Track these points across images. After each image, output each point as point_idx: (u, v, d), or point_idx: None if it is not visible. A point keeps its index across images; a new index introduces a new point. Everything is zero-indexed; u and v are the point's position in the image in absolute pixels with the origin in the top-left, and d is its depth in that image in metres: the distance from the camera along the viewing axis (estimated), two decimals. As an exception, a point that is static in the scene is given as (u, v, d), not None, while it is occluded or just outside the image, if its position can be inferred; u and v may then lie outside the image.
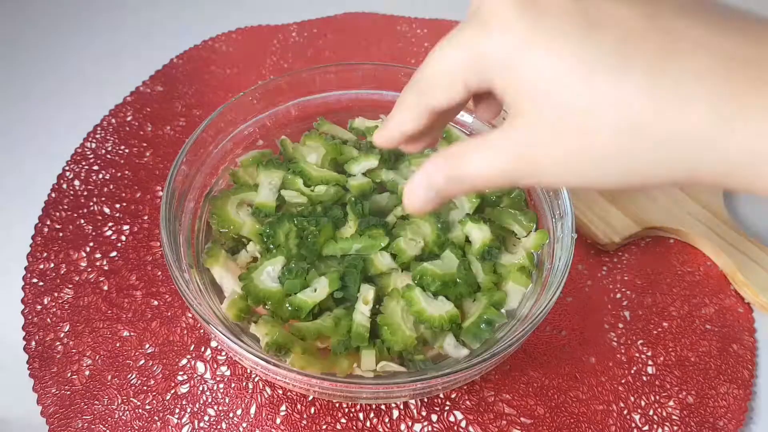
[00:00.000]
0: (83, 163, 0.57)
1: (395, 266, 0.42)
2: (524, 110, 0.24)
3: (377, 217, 0.45)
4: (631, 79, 0.21)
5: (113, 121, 0.61)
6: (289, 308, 0.40)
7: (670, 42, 0.21)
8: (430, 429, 0.41)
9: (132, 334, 0.45)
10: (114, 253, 0.50)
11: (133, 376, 0.43)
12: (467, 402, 0.43)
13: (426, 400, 0.43)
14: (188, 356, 0.44)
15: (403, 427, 0.41)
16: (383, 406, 0.42)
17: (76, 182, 0.55)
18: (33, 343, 0.45)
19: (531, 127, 0.24)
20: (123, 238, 0.51)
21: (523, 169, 0.25)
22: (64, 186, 0.55)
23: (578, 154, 0.23)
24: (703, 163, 0.21)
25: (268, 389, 0.43)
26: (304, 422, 0.41)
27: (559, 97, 0.22)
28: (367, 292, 0.41)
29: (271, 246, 0.43)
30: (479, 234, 0.44)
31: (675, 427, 0.42)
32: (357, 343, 0.39)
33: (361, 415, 0.42)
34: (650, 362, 0.45)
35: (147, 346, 0.45)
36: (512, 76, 0.24)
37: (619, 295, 0.49)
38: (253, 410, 0.42)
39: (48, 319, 0.46)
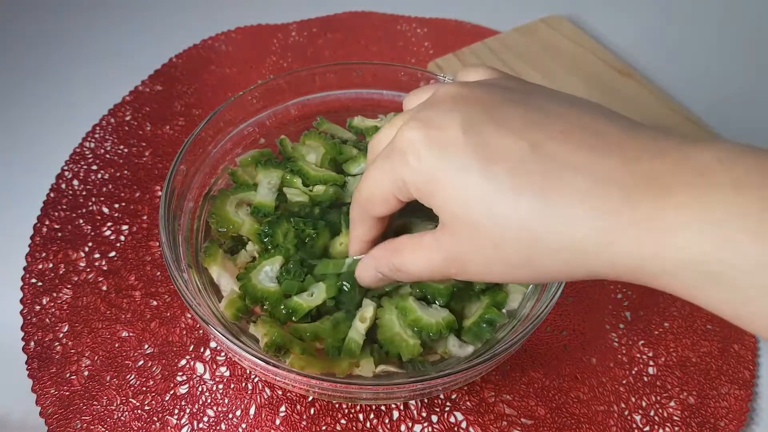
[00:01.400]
0: (82, 163, 0.57)
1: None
2: (447, 223, 0.29)
3: None
4: (525, 203, 0.26)
5: (112, 120, 0.61)
6: (284, 310, 0.39)
7: (555, 169, 0.25)
8: (430, 430, 0.41)
9: (131, 334, 0.45)
10: (113, 253, 0.50)
11: (132, 376, 0.43)
12: (468, 403, 0.42)
13: (426, 400, 0.42)
14: (187, 357, 0.44)
15: (403, 428, 0.41)
16: (383, 407, 0.42)
17: (75, 182, 0.55)
18: (32, 343, 0.44)
19: (454, 237, 0.29)
20: (122, 238, 0.51)
21: (451, 267, 0.30)
22: (63, 186, 0.55)
23: (494, 261, 0.28)
24: (597, 268, 0.25)
25: (267, 390, 0.43)
26: (304, 423, 0.41)
27: (470, 218, 0.27)
28: (366, 309, 0.40)
29: (270, 246, 0.43)
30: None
31: (676, 428, 0.42)
32: (347, 357, 0.38)
33: (361, 416, 0.42)
34: (651, 363, 0.45)
35: (146, 346, 0.45)
36: (432, 199, 0.29)
37: (620, 296, 0.49)
38: (252, 411, 0.42)
39: (47, 320, 0.46)
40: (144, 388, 0.42)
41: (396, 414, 0.42)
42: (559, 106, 0.28)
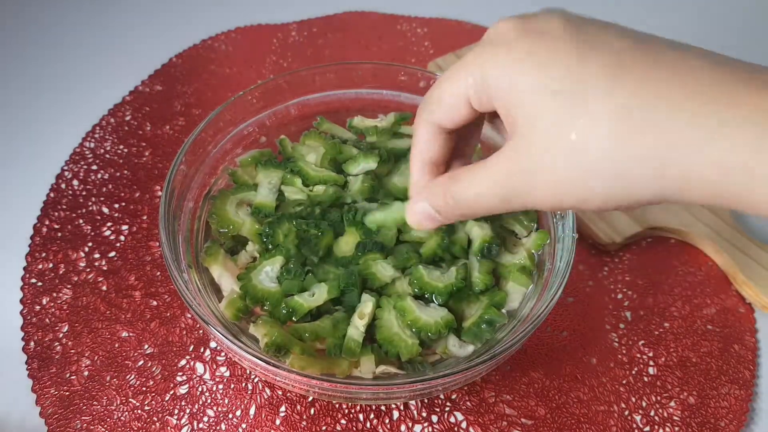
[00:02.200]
0: (82, 163, 0.57)
1: (398, 275, 0.42)
2: (518, 128, 0.26)
3: (375, 241, 0.43)
4: (619, 95, 0.23)
5: (112, 120, 0.61)
6: (285, 310, 0.39)
7: (656, 65, 0.23)
8: (430, 430, 0.41)
9: (131, 334, 0.45)
10: (113, 253, 0.50)
11: (132, 376, 0.43)
12: (468, 403, 0.42)
13: (426, 401, 0.42)
14: (187, 357, 0.44)
15: (403, 428, 0.41)
16: (383, 407, 0.42)
17: (75, 182, 0.55)
18: (32, 343, 0.44)
19: (524, 145, 0.25)
20: (122, 238, 0.51)
21: (515, 187, 0.27)
22: (63, 186, 0.55)
23: (569, 171, 0.25)
24: (690, 176, 0.23)
25: (267, 390, 0.43)
26: (304, 423, 0.41)
27: (552, 116, 0.24)
28: (365, 305, 0.40)
29: (270, 246, 0.42)
30: (479, 232, 0.44)
31: (676, 428, 0.42)
32: (348, 356, 0.38)
33: (361, 416, 0.42)
34: (651, 363, 0.45)
35: (146, 346, 0.45)
36: (510, 96, 0.26)
37: (620, 296, 0.49)
38: (252, 411, 0.42)
39: (47, 320, 0.46)
40: (144, 388, 0.42)
41: (396, 414, 0.42)
42: (644, 37, 0.26)
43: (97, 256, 0.50)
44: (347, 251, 0.43)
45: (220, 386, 0.43)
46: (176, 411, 0.41)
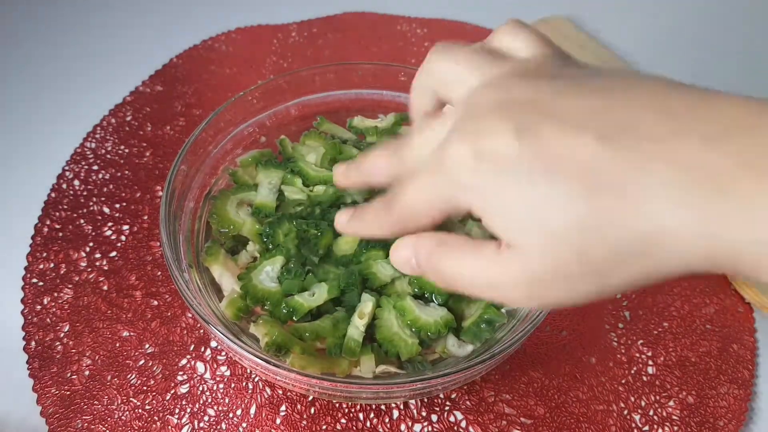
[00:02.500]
0: (83, 163, 0.57)
1: (398, 274, 0.42)
2: (516, 243, 0.25)
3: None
4: (605, 203, 0.22)
5: (113, 120, 0.61)
6: (285, 310, 0.40)
7: (630, 161, 0.22)
8: (430, 429, 0.41)
9: (132, 334, 0.45)
10: (114, 253, 0.50)
11: (133, 376, 0.43)
12: (467, 402, 0.42)
13: (426, 400, 0.42)
14: (188, 356, 0.44)
15: (403, 427, 0.41)
16: (383, 407, 0.42)
17: (76, 182, 0.55)
18: (33, 343, 0.45)
19: (528, 259, 0.25)
20: (123, 238, 0.51)
21: (523, 295, 0.26)
22: (64, 186, 0.55)
23: (579, 276, 0.24)
24: (690, 261, 0.22)
25: (267, 389, 0.43)
26: (304, 422, 0.41)
27: (546, 235, 0.24)
28: (365, 304, 0.40)
29: (270, 246, 0.43)
30: (479, 232, 0.44)
31: (675, 428, 0.42)
32: (348, 356, 0.38)
33: (361, 416, 0.42)
34: (650, 362, 0.45)
35: (147, 346, 0.45)
36: (494, 218, 0.25)
37: (619, 295, 0.49)
38: (252, 410, 0.42)
39: (48, 319, 0.46)
40: (145, 388, 0.42)
41: (396, 413, 0.42)
42: (616, 84, 0.25)
43: (98, 255, 0.50)
44: (347, 250, 0.43)
45: (221, 385, 0.43)
46: (177, 410, 0.42)
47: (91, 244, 0.51)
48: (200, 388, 0.43)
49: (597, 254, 0.23)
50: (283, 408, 0.42)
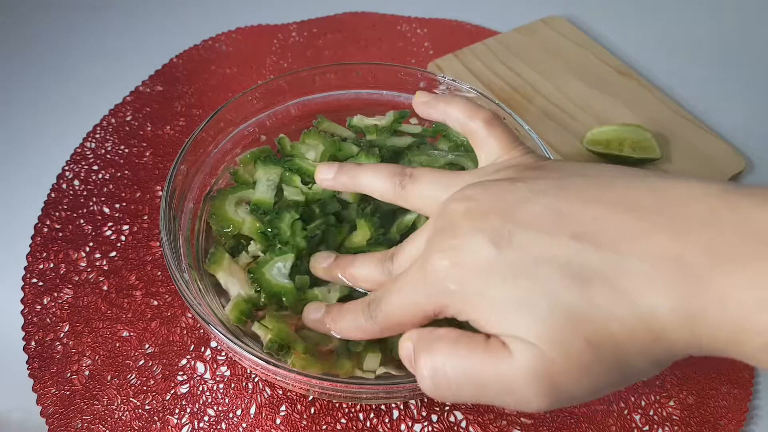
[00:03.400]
0: (83, 163, 0.57)
1: None
2: (520, 348, 0.25)
3: (383, 235, 0.44)
4: (597, 296, 0.23)
5: (113, 120, 0.61)
6: (304, 303, 0.39)
7: (607, 260, 0.23)
8: (430, 429, 0.41)
9: (132, 334, 0.45)
10: (114, 253, 0.50)
11: (133, 376, 0.43)
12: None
13: (426, 400, 0.42)
14: (188, 356, 0.44)
15: (403, 427, 0.41)
16: (383, 407, 0.42)
17: (76, 182, 0.55)
18: (32, 343, 0.45)
19: (539, 359, 0.24)
20: (123, 238, 0.51)
21: (538, 396, 0.25)
22: (64, 186, 0.55)
23: (588, 371, 0.24)
24: (686, 349, 0.23)
25: (267, 389, 0.43)
26: (304, 422, 0.41)
27: (548, 335, 0.24)
28: None
29: (278, 243, 0.42)
30: None
31: (675, 427, 0.42)
32: (355, 348, 0.38)
33: (361, 416, 0.42)
34: (651, 362, 0.45)
35: (147, 346, 0.45)
36: (488, 325, 0.26)
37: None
38: (252, 410, 0.42)
39: (48, 319, 0.46)
40: (145, 388, 0.42)
41: (396, 413, 0.42)
42: (575, 183, 0.26)
43: (98, 255, 0.50)
44: (359, 242, 0.43)
45: (221, 386, 0.43)
46: (177, 410, 0.42)
47: (91, 244, 0.51)
48: (200, 388, 0.43)
49: (607, 344, 0.23)
50: (283, 408, 0.42)
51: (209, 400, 0.42)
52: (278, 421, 0.41)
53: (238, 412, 0.42)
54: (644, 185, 0.24)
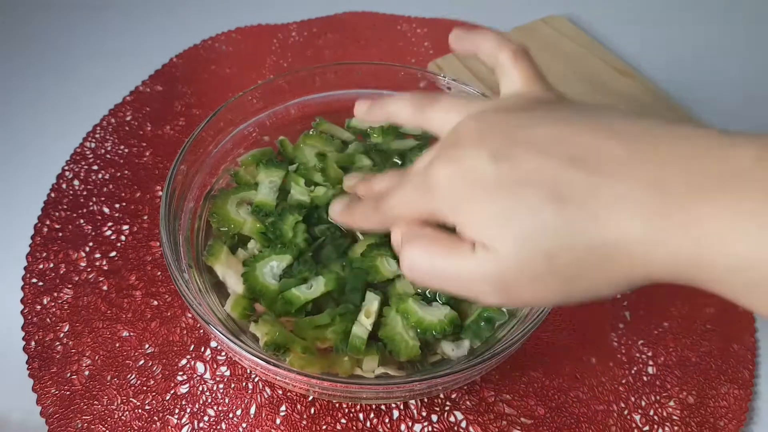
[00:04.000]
0: (83, 163, 0.57)
1: (400, 272, 0.42)
2: (489, 248, 0.27)
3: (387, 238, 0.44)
4: (568, 214, 0.25)
5: (113, 120, 0.61)
6: (281, 303, 0.40)
7: (591, 178, 0.25)
8: (430, 429, 0.41)
9: (131, 334, 0.45)
10: (113, 253, 0.50)
11: (133, 376, 0.43)
12: (467, 402, 0.42)
13: (426, 400, 0.42)
14: (188, 356, 0.44)
15: (403, 427, 0.41)
16: (383, 407, 0.42)
17: (76, 182, 0.55)
18: (32, 343, 0.45)
19: (499, 261, 0.27)
20: (122, 238, 0.51)
21: (491, 292, 0.28)
22: (64, 186, 0.55)
23: (545, 280, 0.26)
24: (649, 272, 0.24)
25: (267, 389, 0.43)
26: (304, 422, 0.41)
27: (516, 243, 0.26)
28: (371, 303, 0.40)
29: (279, 244, 0.43)
30: None
31: (675, 428, 0.42)
32: (352, 354, 0.39)
33: (361, 416, 0.42)
34: (651, 362, 0.45)
35: (147, 346, 0.45)
36: (469, 228, 0.28)
37: (619, 295, 0.49)
38: (252, 410, 0.42)
39: (47, 320, 0.46)
40: (144, 388, 0.42)
41: (396, 413, 0.42)
42: (582, 115, 0.28)
43: (97, 255, 0.50)
44: (360, 249, 0.43)
45: (221, 386, 0.43)
46: (177, 410, 0.42)
47: (90, 244, 0.51)
48: (200, 388, 0.43)
49: (563, 258, 0.25)
50: (283, 408, 0.42)
51: (209, 400, 0.42)
52: (278, 421, 0.41)
53: (238, 412, 0.42)
54: (646, 124, 0.26)
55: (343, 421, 0.41)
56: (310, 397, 0.42)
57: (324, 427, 0.41)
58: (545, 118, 0.28)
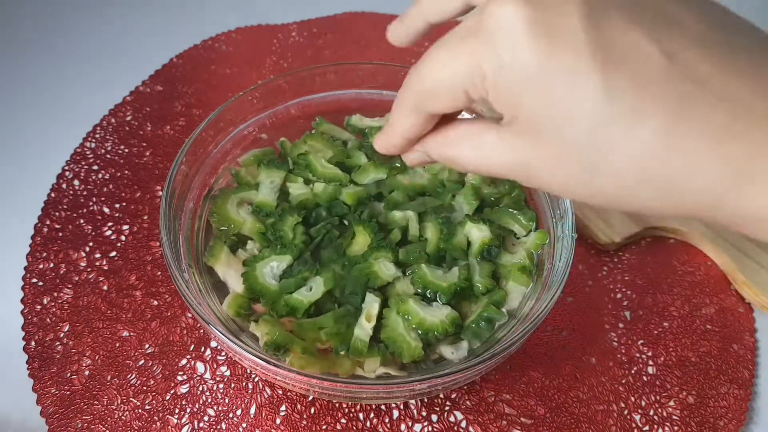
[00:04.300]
0: (83, 163, 0.57)
1: (399, 274, 0.42)
2: (527, 129, 0.23)
3: (383, 236, 0.44)
4: (646, 130, 0.21)
5: (113, 120, 0.61)
6: (285, 307, 0.40)
7: (690, 94, 0.20)
8: (430, 429, 0.41)
9: (132, 334, 0.45)
10: (114, 253, 0.50)
11: (133, 376, 0.43)
12: (467, 402, 0.42)
13: (426, 400, 0.42)
14: (188, 356, 0.44)
15: (403, 427, 0.41)
16: (383, 407, 0.42)
17: (76, 182, 0.55)
18: (33, 343, 0.45)
19: (534, 146, 0.23)
20: (123, 238, 0.51)
21: (517, 174, 0.25)
22: (64, 186, 0.55)
23: (578, 184, 0.23)
24: (713, 214, 0.21)
25: (267, 389, 0.43)
26: (304, 422, 0.41)
27: (568, 131, 0.22)
28: (372, 305, 0.40)
29: (279, 244, 0.43)
30: (478, 234, 0.44)
31: (675, 428, 0.42)
32: (355, 356, 0.39)
33: (361, 416, 0.42)
34: (651, 362, 0.45)
35: (147, 346, 0.45)
36: (518, 101, 0.23)
37: (619, 295, 0.49)
38: (252, 410, 0.42)
39: (48, 319, 0.46)
40: (144, 388, 0.42)
41: (396, 413, 0.42)
42: (693, 6, 0.22)
43: (98, 255, 0.50)
44: (359, 251, 0.43)
45: (221, 385, 0.43)
46: (177, 410, 0.42)
47: (91, 244, 0.51)
48: (200, 388, 0.43)
49: (606, 178, 0.22)
50: (283, 408, 0.42)
51: (209, 400, 0.42)
52: (278, 421, 0.41)
53: (238, 412, 0.42)
54: (763, 39, 0.22)
55: (343, 421, 0.41)
56: (310, 397, 0.42)
57: (324, 427, 0.41)
58: (681, 4, 0.22)
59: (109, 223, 0.52)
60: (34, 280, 0.48)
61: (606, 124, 0.21)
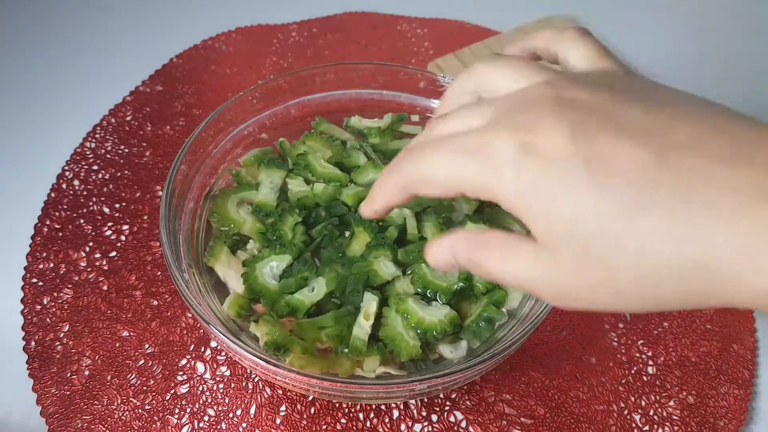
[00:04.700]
0: (83, 163, 0.57)
1: (398, 273, 0.42)
2: (548, 244, 0.24)
3: (383, 236, 0.44)
4: (648, 221, 0.21)
5: (113, 120, 0.61)
6: (286, 308, 0.40)
7: (684, 182, 0.21)
8: (430, 429, 0.41)
9: (132, 334, 0.45)
10: (113, 253, 0.50)
11: (133, 376, 0.43)
12: (467, 402, 0.42)
13: (426, 400, 0.42)
14: (188, 356, 0.44)
15: (403, 427, 0.41)
16: (383, 407, 0.42)
17: (76, 182, 0.55)
18: (32, 343, 0.45)
19: (556, 260, 0.24)
20: (122, 238, 0.51)
21: (544, 291, 0.26)
22: (64, 186, 0.55)
23: (602, 290, 0.24)
24: (733, 294, 0.21)
25: (267, 389, 0.43)
26: (304, 422, 0.41)
27: (578, 242, 0.23)
28: (369, 304, 0.40)
29: (278, 244, 0.43)
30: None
31: (675, 427, 0.42)
32: (354, 355, 0.39)
33: (361, 416, 0.42)
34: (651, 362, 0.45)
35: (147, 346, 0.45)
36: (530, 217, 0.24)
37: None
38: (252, 410, 0.42)
39: (47, 319, 0.46)
40: (144, 388, 0.42)
41: (396, 413, 0.42)
42: (678, 105, 0.24)
43: (98, 255, 0.50)
44: (358, 251, 0.43)
45: (221, 385, 0.43)
46: (177, 410, 0.42)
47: (90, 244, 0.51)
48: (200, 388, 0.43)
49: (624, 275, 0.22)
50: (283, 408, 0.42)
51: (209, 400, 0.42)
52: (278, 421, 0.41)
53: (238, 412, 0.42)
54: (752, 125, 0.22)
55: (343, 421, 0.41)
56: (310, 397, 0.42)
57: (324, 427, 0.41)
58: (638, 101, 0.24)
59: (109, 223, 0.52)
60: (34, 280, 0.48)
61: (611, 225, 0.22)
